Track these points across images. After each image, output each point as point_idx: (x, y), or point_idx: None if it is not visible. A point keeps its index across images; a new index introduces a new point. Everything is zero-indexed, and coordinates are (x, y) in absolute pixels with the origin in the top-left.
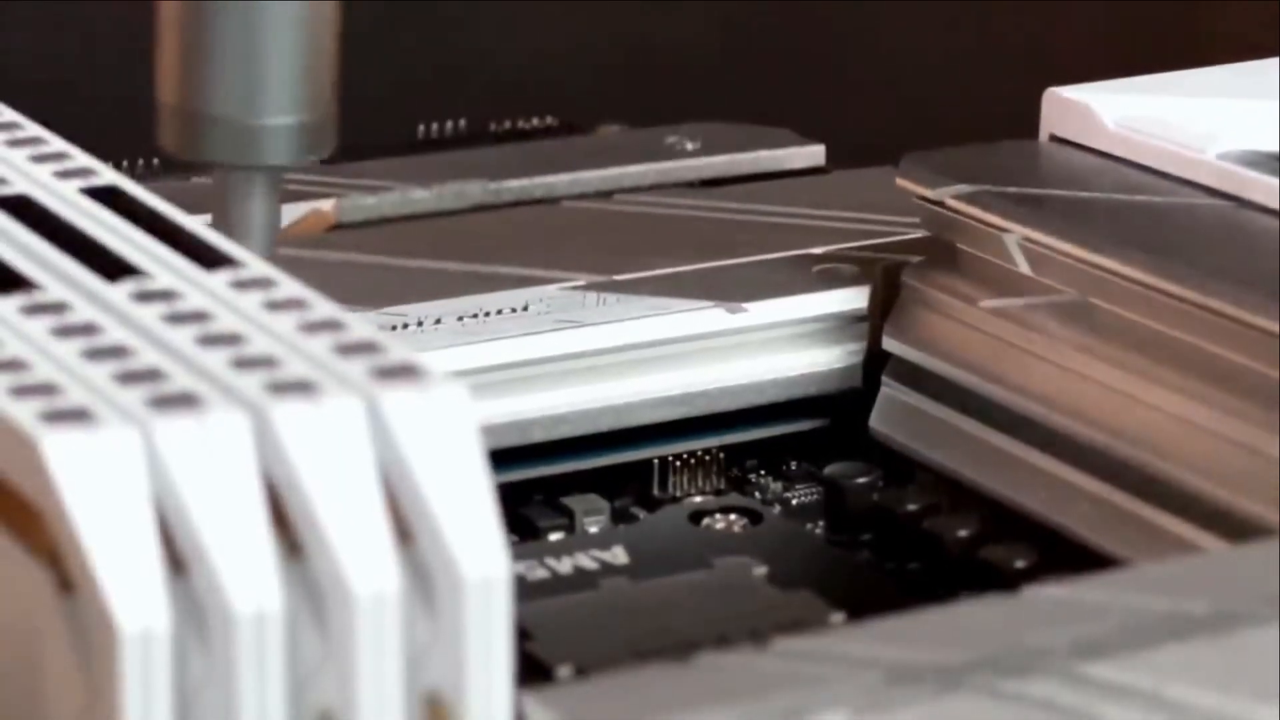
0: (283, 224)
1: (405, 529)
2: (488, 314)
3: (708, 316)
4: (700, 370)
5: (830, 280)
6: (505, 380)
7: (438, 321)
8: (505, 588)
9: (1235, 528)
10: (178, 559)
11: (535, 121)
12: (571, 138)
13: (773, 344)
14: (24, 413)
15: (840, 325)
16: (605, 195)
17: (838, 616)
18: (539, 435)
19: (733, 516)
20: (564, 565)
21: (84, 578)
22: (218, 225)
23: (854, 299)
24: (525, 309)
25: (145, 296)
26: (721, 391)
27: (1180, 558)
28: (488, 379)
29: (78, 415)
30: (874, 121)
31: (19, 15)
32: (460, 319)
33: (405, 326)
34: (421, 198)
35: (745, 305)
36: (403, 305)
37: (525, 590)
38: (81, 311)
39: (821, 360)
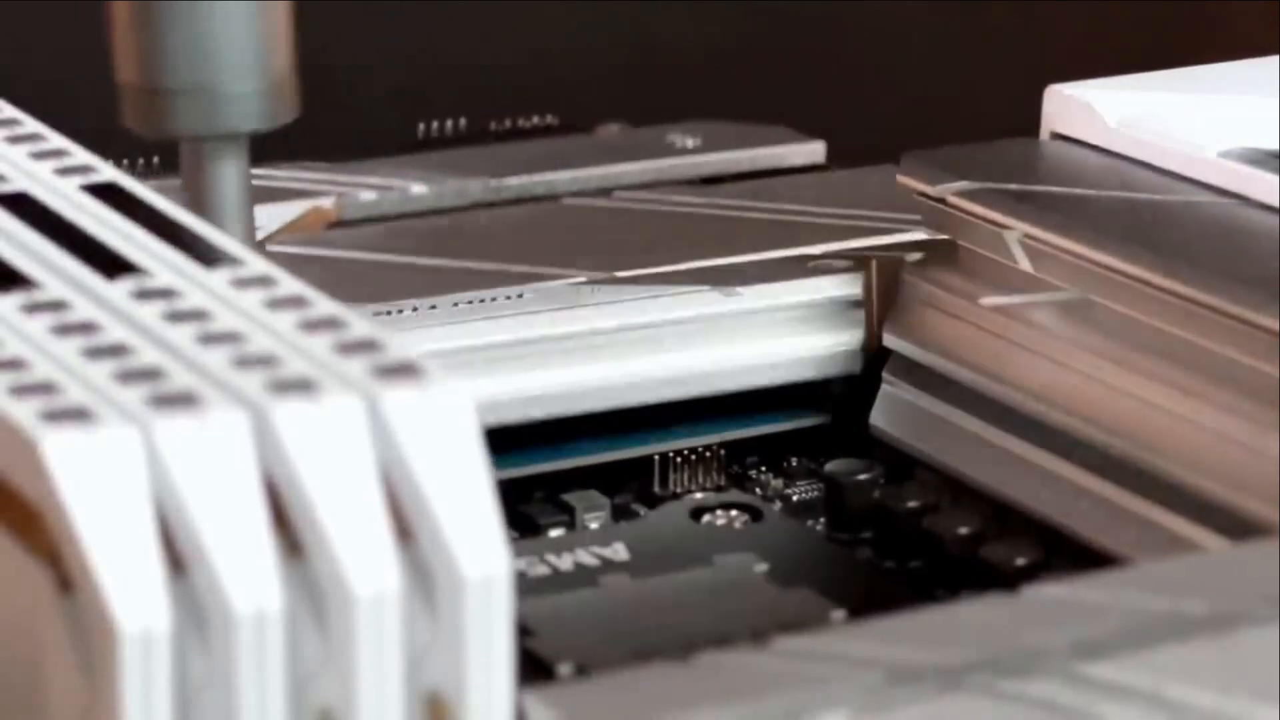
0: (283, 221)
1: (405, 528)
2: (483, 301)
3: (704, 299)
4: (697, 353)
5: (830, 275)
6: (501, 359)
7: (433, 307)
8: (506, 587)
9: (1236, 526)
10: (178, 559)
11: (535, 120)
12: (571, 136)
13: (773, 329)
14: (24, 412)
15: (839, 312)
16: (605, 193)
17: (838, 614)
18: (537, 413)
19: (733, 513)
20: (565, 562)
21: (84, 578)
22: (191, 199)
23: (851, 290)
24: (520, 298)
25: (145, 294)
26: (719, 374)
27: (1180, 557)
28: (483, 357)
29: (77, 414)
30: (874, 119)
31: (19, 13)
32: (455, 304)
33: (400, 312)
34: (422, 195)
35: (740, 290)
36: (402, 301)
37: (526, 587)
38: (81, 310)
39: (821, 346)
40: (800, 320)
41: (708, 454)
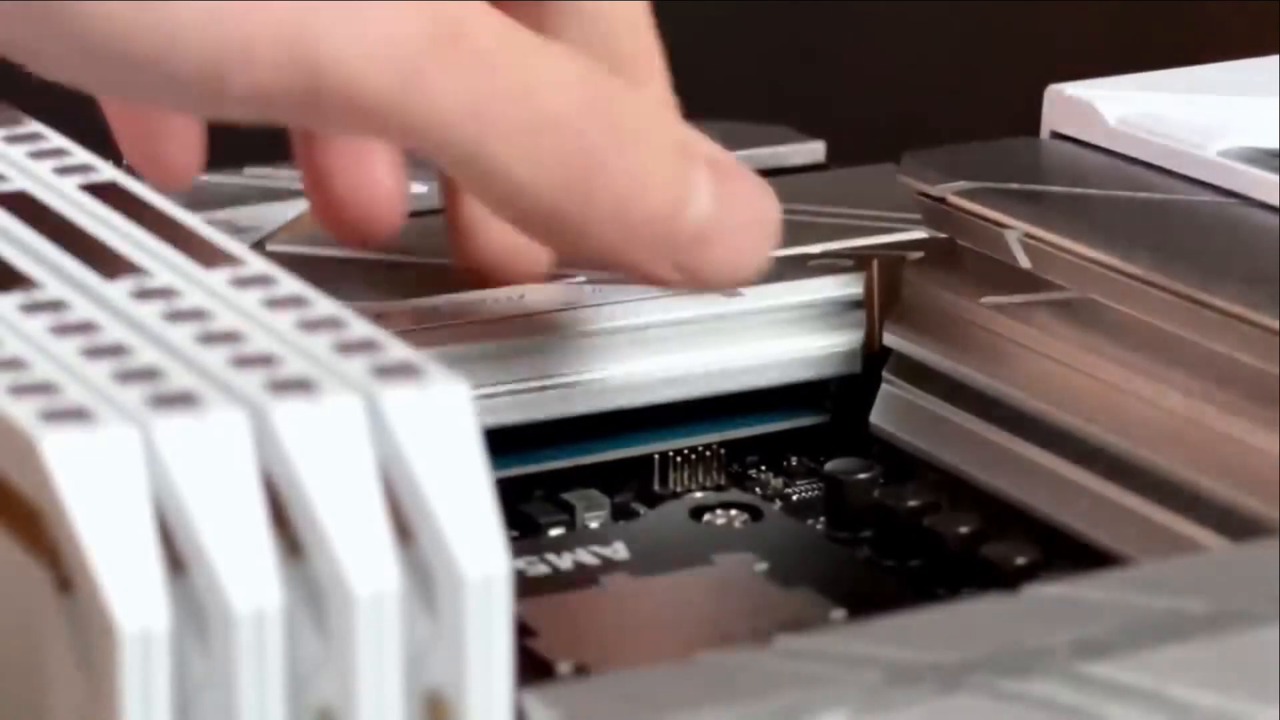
0: (283, 221)
1: (405, 528)
2: (484, 301)
3: (704, 299)
4: (697, 353)
5: (831, 275)
6: (501, 359)
7: (434, 307)
8: (505, 587)
9: (1237, 525)
10: (177, 559)
11: None
12: None
13: (773, 329)
14: (23, 412)
15: (839, 312)
16: None
17: (838, 613)
18: (538, 414)
19: (733, 512)
20: (564, 561)
21: (83, 577)
22: None
23: (852, 289)
24: (521, 298)
25: (144, 294)
26: (719, 374)
27: (1180, 556)
28: (483, 354)
29: (77, 414)
30: (874, 118)
31: None
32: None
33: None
34: (422, 195)
35: (740, 290)
36: (402, 301)
37: (525, 586)
38: (80, 309)
39: (821, 346)
40: (801, 320)
41: (707, 453)
